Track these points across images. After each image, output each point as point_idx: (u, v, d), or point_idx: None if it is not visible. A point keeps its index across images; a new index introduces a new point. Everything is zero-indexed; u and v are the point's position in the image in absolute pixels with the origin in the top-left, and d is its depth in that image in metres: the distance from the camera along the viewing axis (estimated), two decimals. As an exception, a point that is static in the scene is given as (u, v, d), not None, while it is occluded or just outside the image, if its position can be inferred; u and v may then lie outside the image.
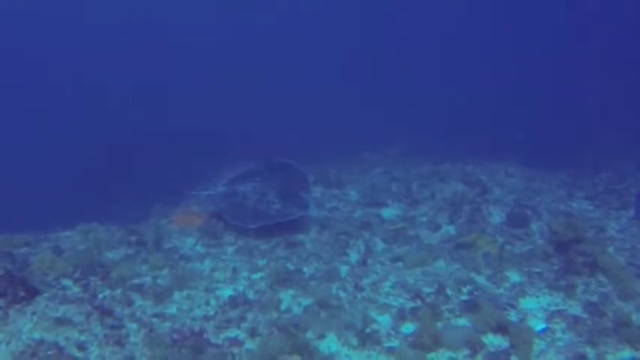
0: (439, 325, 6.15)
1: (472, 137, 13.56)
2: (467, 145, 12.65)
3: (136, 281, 7.38)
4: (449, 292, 6.86)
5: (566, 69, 19.26)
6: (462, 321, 6.25)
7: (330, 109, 17.38)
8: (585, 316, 6.34)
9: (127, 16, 25.63)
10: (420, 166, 12.21)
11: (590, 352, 5.65)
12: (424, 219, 9.48)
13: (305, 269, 7.88)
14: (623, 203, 9.49)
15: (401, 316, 6.43)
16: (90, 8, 25.96)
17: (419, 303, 6.68)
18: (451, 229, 9.03)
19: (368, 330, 6.09)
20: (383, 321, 6.38)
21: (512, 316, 6.35)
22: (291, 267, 7.94)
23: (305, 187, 9.62)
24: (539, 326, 6.16)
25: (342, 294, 7.09)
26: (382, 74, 20.61)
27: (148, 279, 7.55)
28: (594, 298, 6.63)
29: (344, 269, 7.81)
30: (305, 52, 23.04)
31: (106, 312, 6.39)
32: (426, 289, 6.98)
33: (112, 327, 6.17)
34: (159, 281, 7.53)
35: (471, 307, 6.39)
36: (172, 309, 6.88)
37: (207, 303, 7.05)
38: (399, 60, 21.59)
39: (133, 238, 8.68)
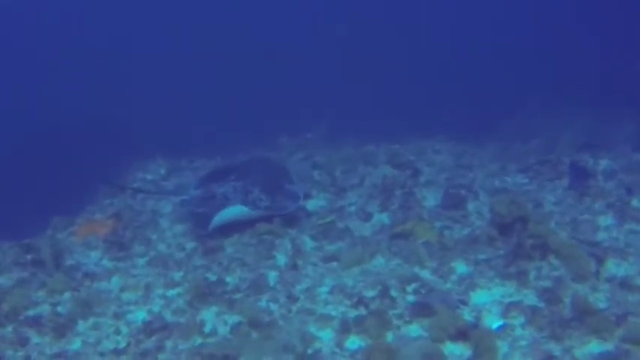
0: (389, 336, 5.52)
1: (398, 114, 13.05)
2: (393, 123, 12.09)
3: (31, 312, 6.46)
4: (393, 293, 6.25)
5: (491, 35, 19.16)
6: (414, 328, 5.66)
7: (239, 93, 16.43)
8: (542, 305, 5.90)
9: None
10: (342, 149, 11.58)
11: (555, 348, 5.20)
12: (353, 208, 8.85)
13: (228, 279, 7.09)
14: (557, 173, 9.25)
15: (344, 328, 5.76)
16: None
17: (363, 310, 6.02)
18: (384, 218, 8.46)
19: (309, 350, 5.38)
20: (324, 337, 5.69)
21: (466, 314, 5.83)
22: (212, 277, 7.12)
23: (288, 179, 9.05)
24: (496, 323, 5.67)
25: (273, 307, 6.36)
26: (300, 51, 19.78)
27: (46, 308, 6.63)
28: (548, 284, 6.21)
29: (272, 275, 7.06)
30: (214, 31, 21.79)
31: (-12, 363, 5.39)
32: (368, 292, 6.34)
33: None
34: (59, 309, 6.62)
35: (421, 309, 5.81)
36: (76, 344, 6.01)
37: (118, 332, 6.20)
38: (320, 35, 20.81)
39: (29, 257, 7.71)
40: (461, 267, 6.80)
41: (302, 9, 22.35)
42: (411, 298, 6.19)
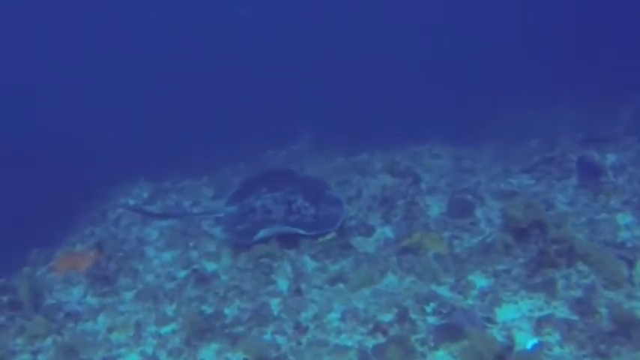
0: (416, 366, 4.99)
1: (388, 120, 12.59)
2: (382, 129, 11.62)
3: (8, 365, 5.70)
4: (412, 315, 5.71)
5: (472, 35, 18.91)
6: (442, 355, 5.14)
7: (217, 109, 15.90)
8: (576, 318, 5.41)
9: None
10: (333, 159, 11.06)
11: (605, 368, 4.70)
12: (353, 222, 8.29)
13: (227, 311, 6.53)
14: (564, 171, 8.80)
15: (363, 359, 5.20)
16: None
17: (381, 338, 5.48)
18: (387, 231, 7.92)
19: (328, 389, 4.83)
20: (343, 372, 5.13)
21: (496, 334, 5.31)
22: (208, 310, 6.59)
23: (323, 184, 8.79)
24: (530, 342, 5.17)
25: (280, 340, 5.82)
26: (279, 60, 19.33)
27: (25, 358, 6.09)
28: (579, 293, 5.73)
29: (275, 303, 6.50)
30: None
31: None
32: (385, 316, 5.81)
33: None
34: (40, 358, 6.07)
35: (446, 332, 5.30)
36: (60, 400, 5.28)
37: (109, 381, 5.58)
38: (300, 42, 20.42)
39: (5, 299, 7.17)
40: (480, 280, 6.30)
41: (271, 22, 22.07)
42: (432, 319, 5.68)
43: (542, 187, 8.64)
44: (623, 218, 7.29)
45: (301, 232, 7.54)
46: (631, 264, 6.03)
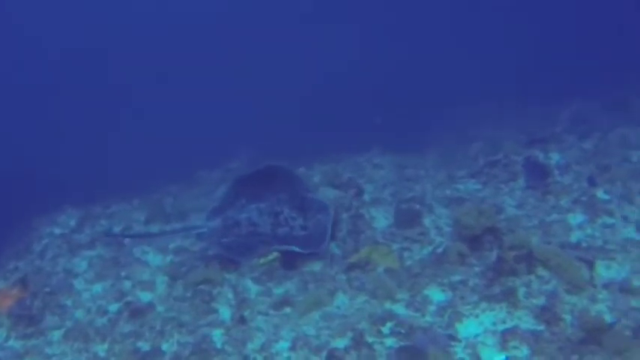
0: (378, 397, 4.55)
1: (325, 132, 12.24)
2: (318, 141, 11.25)
3: None
4: (369, 338, 5.27)
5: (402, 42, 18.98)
6: (405, 381, 4.70)
7: (144, 128, 15.21)
8: (542, 327, 5.11)
9: None
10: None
11: (578, 380, 4.39)
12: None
13: (165, 346, 5.98)
14: (510, 174, 8.63)
15: (318, 393, 4.73)
16: None
17: (337, 367, 5.01)
18: (333, 247, 7.46)
19: None
20: (297, 409, 4.63)
21: (460, 352, 4.94)
22: (144, 347, 6.03)
23: (302, 186, 8.11)
24: (498, 358, 4.82)
25: (225, 377, 5.24)
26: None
27: None
28: (542, 301, 5.45)
29: (217, 335, 5.98)
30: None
31: None
32: (339, 342, 5.34)
33: None
34: None
35: (408, 356, 4.86)
36: None
37: None
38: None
39: None
40: (437, 294, 5.94)
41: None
42: (390, 341, 5.25)
43: (490, 191, 8.44)
44: (575, 218, 7.16)
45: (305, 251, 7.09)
46: (591, 265, 5.82)
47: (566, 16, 18.81)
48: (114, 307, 7.02)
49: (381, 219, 8.00)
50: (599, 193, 7.59)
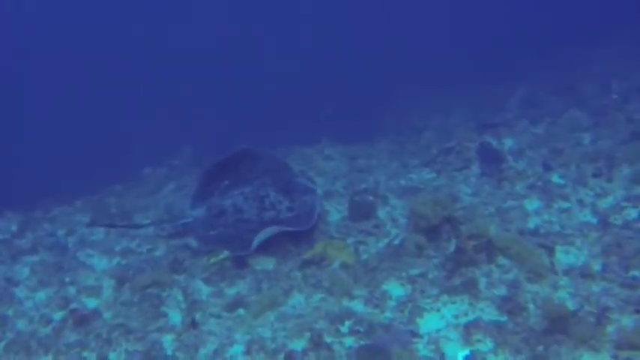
0: (340, 401, 4.33)
1: (271, 124, 11.96)
2: (263, 135, 10.97)
3: None
4: (327, 338, 5.05)
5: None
6: (367, 383, 4.50)
7: (84, 126, 14.64)
8: (505, 319, 4.99)
9: None
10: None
11: (545, 373, 4.27)
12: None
13: (112, 356, 5.65)
14: (464, 161, 8.57)
15: (276, 401, 4.49)
16: None
17: (295, 371, 4.78)
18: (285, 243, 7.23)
19: None
20: (253, 419, 4.38)
21: (422, 349, 4.77)
22: (90, 357, 5.70)
23: (287, 170, 7.92)
24: (461, 353, 4.67)
25: (177, 386, 4.95)
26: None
27: None
28: (503, 291, 5.34)
29: (168, 341, 5.68)
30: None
31: None
32: (296, 344, 5.10)
33: None
34: None
35: (369, 355, 4.66)
36: None
37: None
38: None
39: None
40: (395, 288, 5.77)
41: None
42: (349, 340, 5.04)
43: (444, 179, 8.35)
44: (531, 204, 7.12)
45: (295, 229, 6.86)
46: (551, 251, 5.75)
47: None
48: (58, 316, 6.63)
49: (334, 212, 7.83)
50: (554, 178, 7.58)
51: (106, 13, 22.11)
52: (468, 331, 4.89)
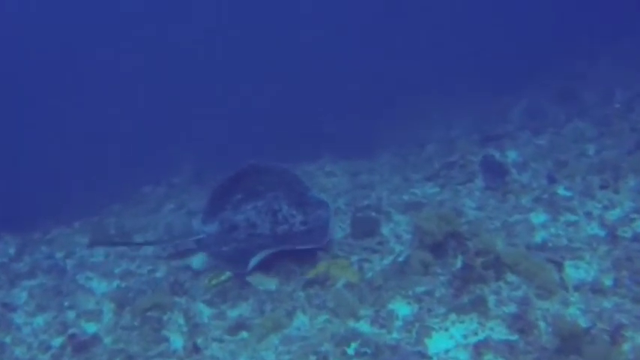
0: None
1: (273, 141, 11.88)
2: (263, 152, 10.88)
3: None
4: (333, 362, 4.93)
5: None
6: (377, 409, 4.37)
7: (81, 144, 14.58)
8: (516, 337, 4.87)
9: None
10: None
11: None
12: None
13: (111, 383, 5.46)
14: (468, 175, 8.47)
15: None
16: None
17: (301, 397, 4.65)
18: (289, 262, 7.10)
19: None
20: None
21: (432, 372, 4.65)
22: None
23: (301, 184, 7.82)
24: (472, 374, 4.54)
25: (180, 417, 4.82)
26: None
27: None
28: (513, 308, 5.22)
29: (170, 367, 5.50)
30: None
31: None
32: (301, 368, 4.98)
33: None
34: None
35: (376, 379, 4.54)
36: None
37: None
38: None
39: None
40: (402, 308, 5.64)
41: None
42: (357, 363, 4.91)
43: (448, 193, 8.23)
44: (537, 217, 6.99)
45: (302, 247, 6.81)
46: (560, 267, 5.63)
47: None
48: (57, 342, 6.53)
49: (337, 230, 7.69)
50: (560, 190, 7.48)
51: (106, 15, 22.11)
52: (478, 351, 4.77)
